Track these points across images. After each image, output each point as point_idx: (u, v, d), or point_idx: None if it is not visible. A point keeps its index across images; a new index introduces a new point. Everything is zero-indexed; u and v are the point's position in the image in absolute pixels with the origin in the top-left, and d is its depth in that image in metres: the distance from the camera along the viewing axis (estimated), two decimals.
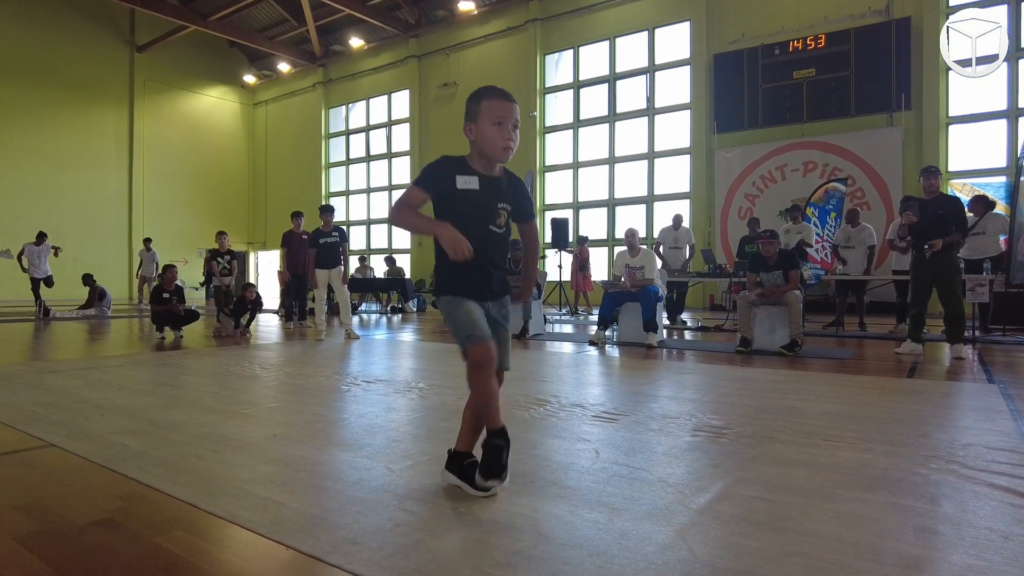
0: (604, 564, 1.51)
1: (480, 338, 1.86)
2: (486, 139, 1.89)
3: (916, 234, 5.67)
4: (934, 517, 1.82)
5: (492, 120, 1.88)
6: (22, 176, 18.67)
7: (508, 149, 1.89)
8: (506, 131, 1.88)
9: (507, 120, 1.88)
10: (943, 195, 5.82)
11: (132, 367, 4.96)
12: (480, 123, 1.89)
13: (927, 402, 3.56)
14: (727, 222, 13.83)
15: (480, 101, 1.91)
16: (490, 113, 1.88)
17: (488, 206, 1.93)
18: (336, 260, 7.55)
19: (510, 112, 1.89)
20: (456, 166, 1.93)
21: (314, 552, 1.57)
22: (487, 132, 1.88)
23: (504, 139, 1.88)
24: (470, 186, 1.90)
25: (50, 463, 2.37)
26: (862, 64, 12.34)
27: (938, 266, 5.54)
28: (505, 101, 1.90)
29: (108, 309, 12.05)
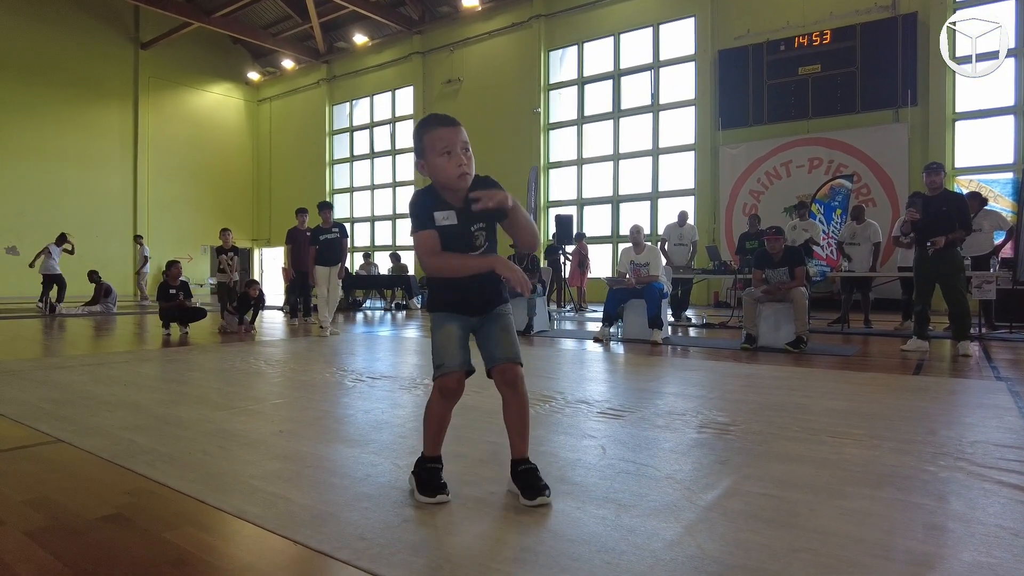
0: (612, 560, 1.50)
1: (449, 369, 1.87)
2: (439, 171, 1.85)
3: (919, 231, 5.64)
4: (943, 514, 1.81)
5: (439, 152, 1.83)
6: (27, 173, 18.73)
7: (464, 175, 1.84)
8: (456, 158, 1.83)
9: (454, 146, 1.82)
10: (947, 192, 5.79)
11: (138, 363, 4.98)
12: (429, 157, 1.86)
13: (934, 399, 3.55)
14: (732, 219, 13.80)
15: (422, 136, 1.87)
16: (435, 145, 1.83)
17: (464, 235, 1.89)
18: (337, 257, 7.59)
19: (455, 137, 1.83)
20: (430, 201, 1.90)
21: (322, 548, 1.58)
22: (438, 164, 1.84)
23: (456, 167, 1.83)
24: (448, 221, 1.88)
25: (58, 459, 2.38)
26: (868, 60, 12.28)
27: (941, 263, 5.52)
28: (446, 128, 1.85)
29: (114, 306, 12.09)
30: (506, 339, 1.94)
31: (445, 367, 1.87)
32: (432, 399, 1.94)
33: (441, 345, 1.90)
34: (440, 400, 1.92)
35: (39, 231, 18.48)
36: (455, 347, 1.89)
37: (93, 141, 20.13)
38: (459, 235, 1.89)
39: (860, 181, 12.12)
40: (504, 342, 1.93)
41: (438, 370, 1.89)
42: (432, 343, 1.94)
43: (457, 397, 1.92)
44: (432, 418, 1.95)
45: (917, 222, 5.64)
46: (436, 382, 1.90)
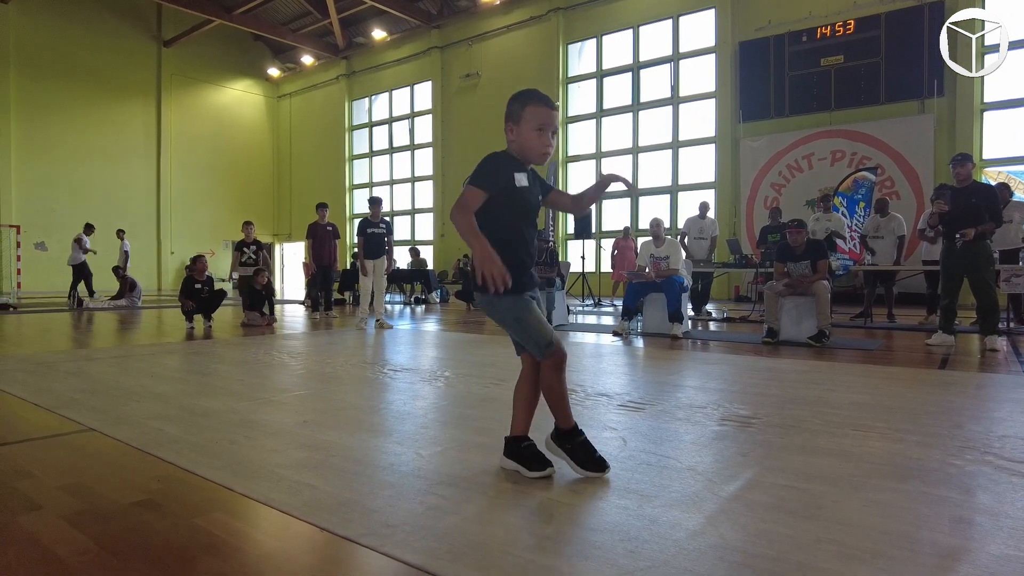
0: (635, 549, 1.51)
1: (559, 343, 1.99)
2: (527, 143, 1.95)
3: (947, 223, 5.54)
4: (970, 507, 1.80)
5: (535, 125, 1.93)
6: (54, 170, 19.10)
7: (546, 155, 1.96)
8: (546, 137, 1.94)
9: (548, 127, 1.94)
10: (976, 183, 5.67)
11: (164, 356, 5.07)
12: (523, 126, 1.94)
13: (960, 393, 3.50)
14: (753, 212, 13.67)
15: (525, 105, 1.94)
16: (533, 118, 1.93)
17: (535, 204, 2.04)
18: (382, 250, 7.74)
19: (552, 119, 1.95)
20: (512, 163, 1.98)
21: (348, 534, 1.60)
22: (528, 137, 1.94)
23: (544, 145, 1.94)
24: (523, 183, 1.97)
25: (91, 446, 2.44)
26: (893, 50, 12.07)
27: (970, 256, 5.41)
28: (548, 108, 1.94)
29: (139, 300, 12.30)
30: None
31: (555, 343, 1.98)
32: (551, 377, 1.99)
33: (538, 326, 1.98)
34: (557, 373, 1.99)
35: (67, 227, 18.85)
36: (547, 323, 2.01)
37: (118, 138, 20.47)
38: (532, 202, 2.03)
39: (884, 174, 11.93)
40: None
41: (550, 347, 1.97)
42: (526, 327, 1.99)
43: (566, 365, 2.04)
44: (562, 392, 2.02)
45: (945, 214, 5.54)
46: (552, 359, 1.97)
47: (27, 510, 1.78)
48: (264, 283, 8.20)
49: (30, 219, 18.20)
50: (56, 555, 1.50)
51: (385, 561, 1.47)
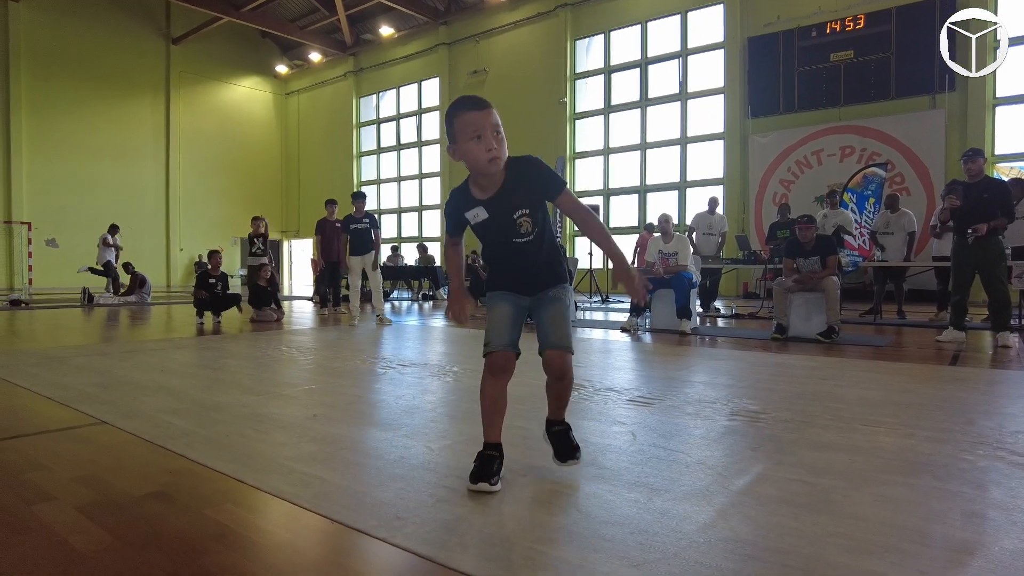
0: (645, 541, 1.51)
1: (496, 347, 1.90)
2: (469, 157, 1.82)
3: (959, 219, 5.50)
4: (982, 502, 1.79)
5: (469, 136, 1.80)
6: (65, 167, 19.24)
7: (494, 160, 1.80)
8: (486, 142, 1.79)
9: (484, 130, 1.79)
10: (988, 178, 5.62)
11: (174, 350, 5.10)
12: (459, 143, 1.83)
13: (971, 389, 3.47)
14: (761, 208, 13.60)
15: (453, 121, 1.83)
16: (465, 129, 1.80)
17: (504, 225, 1.87)
18: (368, 246, 7.65)
19: (485, 121, 1.80)
20: (462, 200, 1.91)
21: (359, 525, 1.61)
22: (467, 150, 1.81)
23: (486, 151, 1.79)
24: (480, 218, 1.88)
25: (103, 439, 2.46)
26: (904, 44, 11.97)
27: (982, 252, 5.37)
28: (476, 111, 1.80)
29: (148, 296, 12.38)
30: (558, 324, 1.93)
31: (491, 345, 1.91)
32: (483, 378, 1.95)
33: (491, 324, 1.94)
34: (489, 378, 1.92)
35: (78, 224, 19.02)
36: (504, 326, 1.92)
37: (127, 135, 20.60)
38: (497, 227, 1.88)
39: (894, 169, 11.84)
40: (556, 327, 1.93)
41: (485, 348, 1.92)
42: (486, 322, 1.97)
43: (505, 375, 1.92)
44: (484, 396, 1.94)
45: (956, 209, 5.49)
46: (486, 360, 1.92)
47: (41, 500, 1.80)
48: (267, 278, 8.23)
49: (41, 216, 18.34)
50: (70, 544, 1.51)
51: (395, 552, 1.48)
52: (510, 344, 1.91)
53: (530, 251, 1.91)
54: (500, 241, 1.90)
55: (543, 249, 1.92)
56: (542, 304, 1.96)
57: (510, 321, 1.93)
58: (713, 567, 1.38)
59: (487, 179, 1.86)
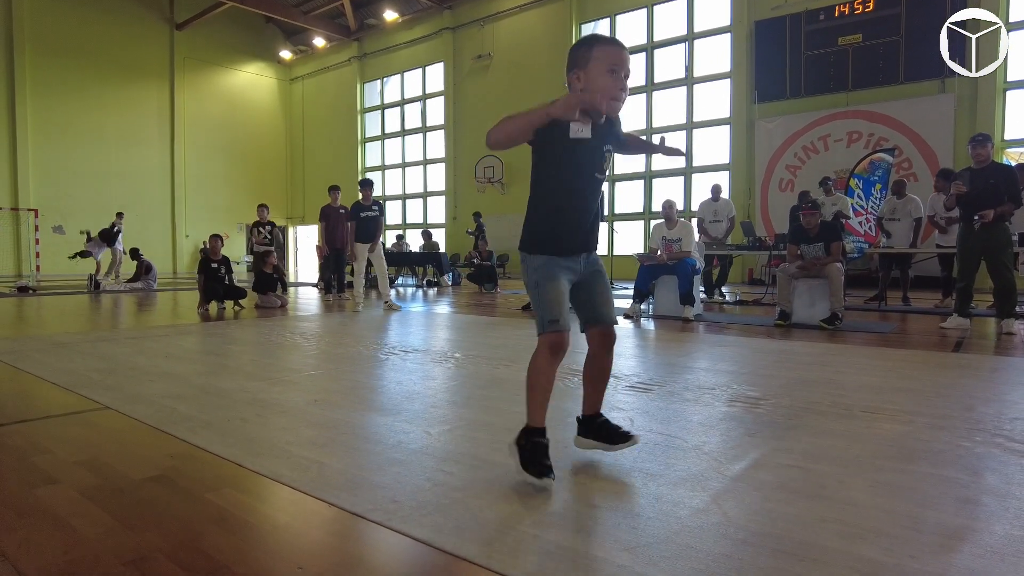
0: (638, 525, 1.53)
1: (564, 327, 1.78)
2: (598, 86, 1.71)
3: (965, 205, 5.45)
4: (977, 488, 1.79)
5: (606, 67, 1.71)
6: (71, 154, 19.27)
7: (617, 100, 1.74)
8: (620, 80, 1.72)
9: (621, 68, 1.72)
10: (995, 164, 5.57)
11: (178, 337, 5.14)
12: (591, 69, 1.72)
13: (973, 376, 3.47)
14: (768, 194, 13.53)
15: (592, 47, 1.74)
16: (604, 59, 1.71)
17: (597, 154, 1.80)
18: (375, 234, 7.68)
19: (625, 61, 1.73)
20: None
21: (356, 509, 1.63)
22: (599, 80, 1.71)
23: (617, 88, 1.72)
24: (583, 134, 1.75)
25: (106, 424, 2.49)
26: (913, 28, 11.81)
27: (988, 238, 5.33)
28: (621, 49, 1.74)
29: (154, 282, 12.44)
30: (609, 299, 1.93)
31: (560, 324, 1.77)
32: (540, 359, 1.79)
33: (553, 297, 1.79)
34: (549, 357, 1.78)
35: (84, 210, 19.09)
36: (563, 304, 1.80)
37: (132, 121, 20.59)
38: (592, 151, 1.80)
39: (901, 155, 11.74)
40: (608, 302, 1.91)
41: (552, 325, 1.77)
42: (539, 295, 1.81)
43: (563, 356, 1.81)
44: (541, 375, 1.79)
45: (963, 196, 5.44)
46: (547, 337, 1.77)
47: (45, 484, 1.83)
48: (273, 264, 8.27)
49: (48, 203, 18.41)
50: (72, 527, 1.54)
51: (391, 535, 1.50)
52: (568, 325, 1.81)
53: (599, 194, 1.87)
54: (587, 172, 1.80)
55: (601, 200, 1.92)
56: (592, 276, 1.89)
57: (567, 299, 1.83)
58: (704, 551, 1.39)
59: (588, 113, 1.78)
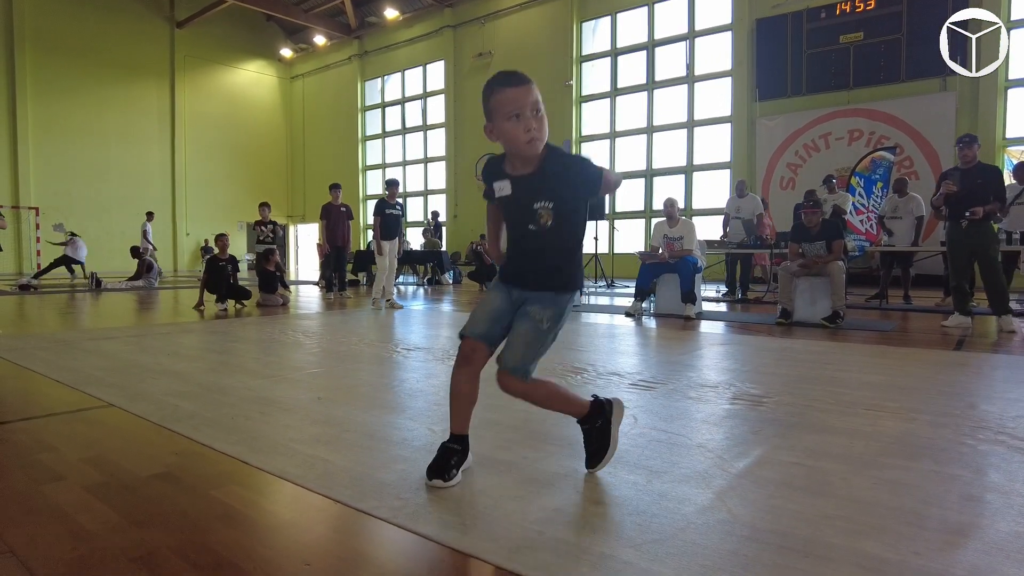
0: (643, 522, 1.53)
1: (467, 334, 1.81)
2: (506, 136, 1.71)
3: (953, 204, 5.52)
4: (980, 486, 1.79)
5: (507, 115, 1.68)
6: (71, 152, 19.27)
7: (533, 141, 1.69)
8: (525, 121, 1.67)
9: (523, 108, 1.67)
10: (981, 164, 5.64)
11: (181, 334, 5.14)
12: (496, 121, 1.71)
13: (975, 374, 3.47)
14: (768, 192, 13.51)
15: (490, 98, 1.72)
16: (502, 108, 1.69)
17: (522, 208, 1.76)
18: (397, 232, 7.88)
19: (524, 98, 1.68)
20: (495, 169, 1.83)
21: (360, 506, 1.64)
22: (505, 130, 1.70)
23: (524, 132, 1.68)
24: (503, 192, 1.79)
25: (111, 421, 2.50)
26: (915, 26, 11.79)
27: (977, 236, 5.41)
28: (514, 88, 1.69)
29: (155, 280, 12.45)
30: (513, 343, 1.78)
31: (464, 331, 1.82)
32: (454, 370, 1.85)
33: (473, 312, 1.86)
34: (455, 366, 1.83)
35: (85, 209, 19.11)
36: (483, 316, 1.82)
37: (133, 120, 20.58)
38: (517, 208, 1.78)
39: (903, 153, 11.73)
40: (510, 346, 1.78)
41: (461, 332, 1.84)
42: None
43: (468, 365, 1.80)
44: (451, 384, 1.84)
45: (952, 195, 5.51)
46: (460, 345, 1.84)
47: (51, 480, 1.84)
48: (275, 262, 8.29)
49: (48, 201, 18.41)
50: (78, 523, 1.55)
51: (397, 532, 1.50)
52: (482, 335, 1.79)
53: (539, 243, 1.78)
54: (516, 222, 1.81)
55: (556, 247, 1.78)
56: (520, 313, 1.81)
57: (493, 314, 1.82)
58: (710, 548, 1.40)
59: (522, 160, 1.76)
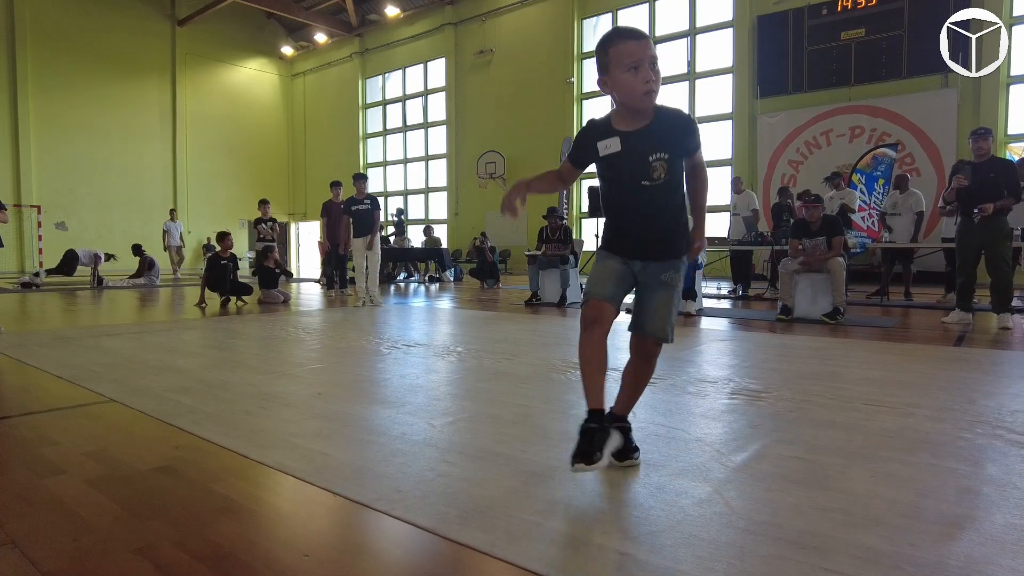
0: (641, 515, 1.54)
1: (594, 295, 1.78)
2: (623, 88, 1.72)
3: (965, 199, 5.43)
4: (977, 479, 1.80)
5: (625, 66, 1.70)
6: (72, 150, 19.27)
7: (649, 93, 1.71)
8: (643, 73, 1.69)
9: (642, 61, 1.69)
10: (995, 158, 5.56)
11: (181, 331, 5.16)
12: (613, 72, 1.73)
13: (975, 370, 3.48)
14: (770, 189, 13.48)
15: (607, 49, 1.73)
16: (621, 59, 1.70)
17: (636, 162, 1.75)
18: (369, 227, 7.68)
19: (644, 51, 1.69)
20: (598, 131, 1.81)
21: (360, 499, 1.65)
22: (623, 81, 1.71)
23: (643, 82, 1.70)
24: (611, 150, 1.77)
25: (112, 416, 2.51)
26: (916, 22, 11.77)
27: (988, 232, 5.32)
28: (635, 40, 1.71)
29: (157, 278, 12.47)
30: (647, 311, 1.82)
31: (592, 293, 1.79)
32: (581, 335, 1.79)
33: (592, 277, 1.83)
34: (583, 332, 1.77)
35: (87, 207, 19.13)
36: (606, 278, 1.80)
37: (134, 117, 20.58)
38: (629, 164, 1.76)
39: (904, 150, 11.71)
40: (656, 316, 1.81)
41: (585, 296, 1.80)
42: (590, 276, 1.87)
43: (596, 326, 1.76)
44: (581, 357, 1.77)
45: (963, 189, 5.44)
46: (583, 309, 1.80)
47: (53, 474, 1.85)
48: (275, 259, 8.31)
49: (50, 199, 18.41)
50: (80, 516, 1.56)
51: (396, 524, 1.51)
52: (610, 296, 1.77)
53: (656, 200, 1.77)
54: (627, 181, 1.77)
55: (668, 206, 1.78)
56: (651, 285, 1.81)
57: (616, 275, 1.81)
58: (707, 540, 1.41)
59: (635, 115, 1.77)
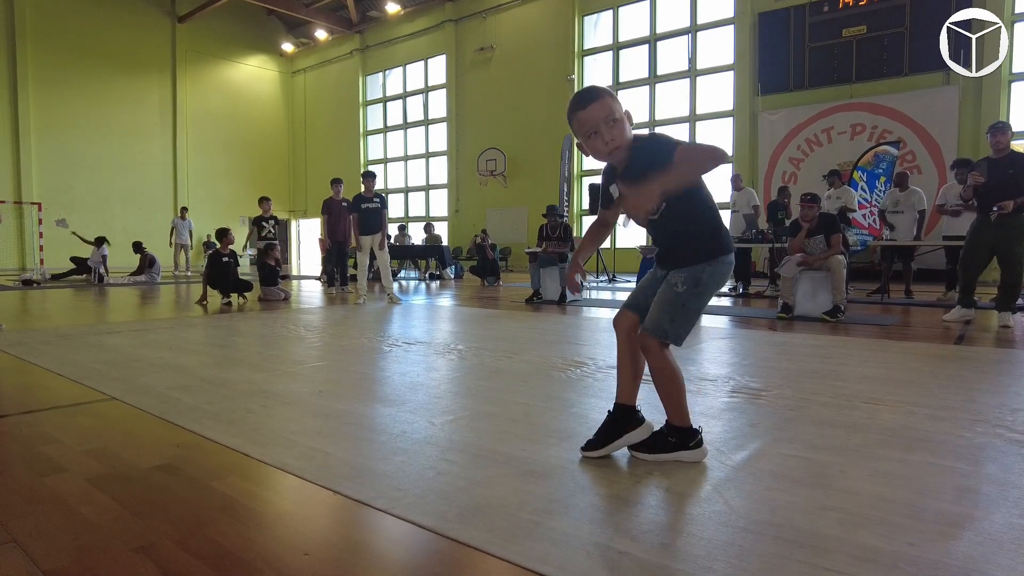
0: (640, 513, 1.54)
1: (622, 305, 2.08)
2: (592, 150, 1.93)
3: (982, 196, 5.35)
4: (977, 477, 1.80)
5: (584, 135, 1.90)
6: (73, 147, 19.27)
7: (613, 150, 1.88)
8: (596, 140, 1.88)
9: (597, 125, 1.86)
10: (1014, 153, 5.37)
11: (182, 329, 5.16)
12: (580, 139, 1.94)
13: (975, 368, 3.47)
14: (770, 187, 13.47)
15: (570, 122, 1.94)
16: (581, 128, 1.90)
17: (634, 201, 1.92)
18: (378, 226, 7.72)
19: (595, 116, 1.86)
20: (609, 176, 2.03)
21: (360, 497, 1.65)
22: (588, 145, 1.92)
23: (602, 144, 1.88)
24: (617, 193, 2.02)
25: (113, 414, 2.51)
26: (918, 19, 11.75)
27: (1004, 229, 5.23)
28: (583, 110, 1.87)
29: (158, 275, 12.48)
30: (658, 302, 1.94)
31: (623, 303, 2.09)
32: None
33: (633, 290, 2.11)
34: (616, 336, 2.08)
35: (87, 204, 19.13)
36: (635, 290, 2.09)
37: (134, 115, 20.57)
38: (631, 202, 1.95)
39: (906, 148, 11.69)
40: (655, 305, 1.95)
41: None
42: None
43: (618, 329, 2.05)
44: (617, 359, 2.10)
45: (980, 187, 5.35)
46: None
47: (53, 472, 1.85)
48: (276, 257, 8.32)
49: (50, 196, 18.40)
50: (81, 514, 1.56)
51: (396, 522, 1.51)
52: (627, 304, 2.05)
53: (665, 227, 1.98)
54: (636, 215, 1.97)
55: (673, 227, 1.96)
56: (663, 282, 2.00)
57: (641, 286, 2.07)
58: (707, 539, 1.41)
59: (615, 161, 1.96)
